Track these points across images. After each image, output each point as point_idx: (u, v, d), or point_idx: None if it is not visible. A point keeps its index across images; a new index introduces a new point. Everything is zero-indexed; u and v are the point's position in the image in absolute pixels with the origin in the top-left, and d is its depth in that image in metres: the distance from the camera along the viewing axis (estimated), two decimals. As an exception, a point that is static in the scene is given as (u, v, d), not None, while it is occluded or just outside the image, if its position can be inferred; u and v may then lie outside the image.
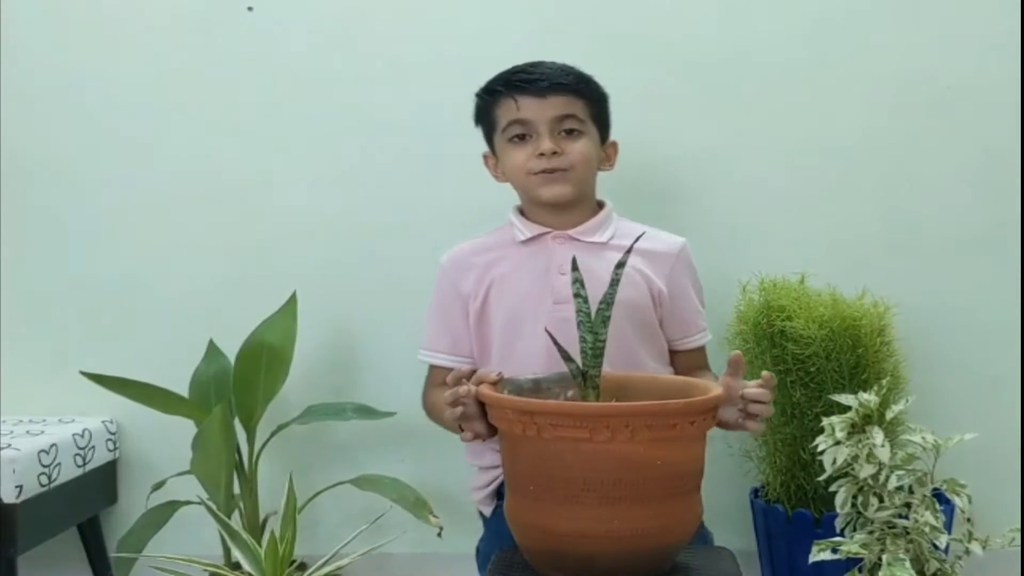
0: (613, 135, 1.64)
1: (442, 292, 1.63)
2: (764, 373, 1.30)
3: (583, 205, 1.59)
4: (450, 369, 1.54)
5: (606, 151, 1.62)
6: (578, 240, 1.55)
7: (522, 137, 1.54)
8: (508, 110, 1.54)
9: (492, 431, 1.28)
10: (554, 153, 1.51)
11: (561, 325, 1.29)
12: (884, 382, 1.48)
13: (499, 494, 1.60)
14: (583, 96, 1.55)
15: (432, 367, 1.65)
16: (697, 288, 1.65)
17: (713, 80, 1.95)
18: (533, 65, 1.55)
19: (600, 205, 1.62)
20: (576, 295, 1.22)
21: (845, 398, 1.44)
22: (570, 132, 1.54)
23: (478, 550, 1.64)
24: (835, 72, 1.95)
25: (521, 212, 1.62)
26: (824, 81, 1.95)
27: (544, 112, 1.52)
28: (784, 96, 1.96)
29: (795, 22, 1.95)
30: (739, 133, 1.97)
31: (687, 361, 1.63)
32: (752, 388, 1.29)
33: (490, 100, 1.58)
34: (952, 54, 1.94)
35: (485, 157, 1.65)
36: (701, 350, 1.66)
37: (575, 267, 1.23)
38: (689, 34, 1.96)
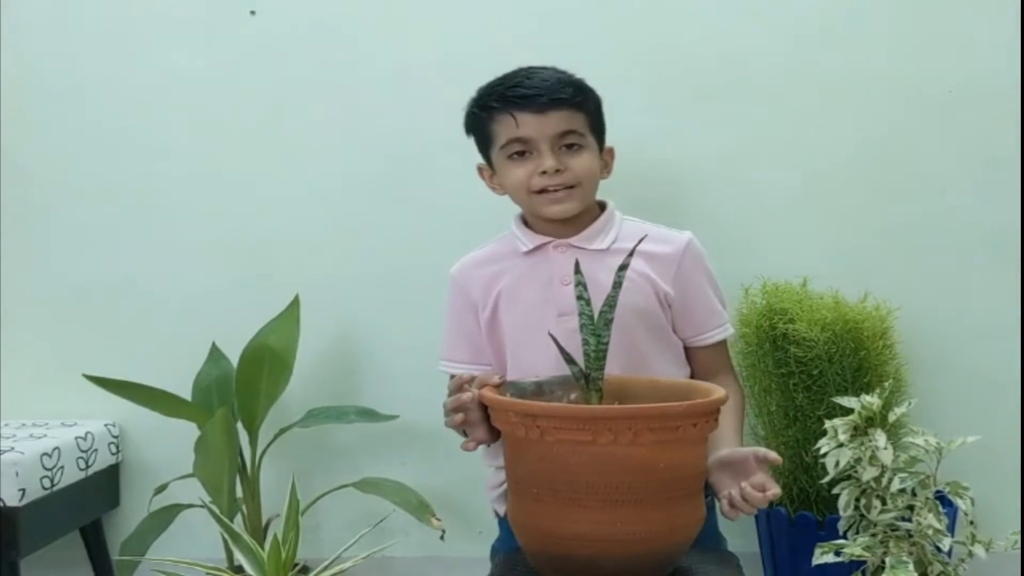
0: (615, 140, 1.62)
1: (455, 303, 1.61)
2: (770, 493, 1.25)
3: (585, 213, 1.56)
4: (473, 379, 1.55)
5: (603, 159, 1.59)
6: (579, 247, 1.52)
7: (522, 154, 1.51)
8: (506, 127, 1.50)
9: (494, 435, 1.28)
10: (557, 171, 1.49)
11: (569, 336, 1.27)
12: (886, 385, 1.49)
13: None
14: (582, 109, 1.51)
15: (453, 378, 1.63)
16: (711, 282, 1.59)
17: (715, 84, 1.95)
18: (528, 76, 1.51)
19: (602, 207, 1.59)
20: (579, 298, 1.22)
21: (847, 401, 1.44)
22: (571, 147, 1.51)
23: (494, 550, 1.64)
24: (837, 75, 1.95)
25: (524, 221, 1.60)
26: (826, 84, 1.95)
27: (544, 129, 1.48)
28: (786, 99, 1.96)
29: (798, 25, 1.95)
30: (741, 137, 1.97)
31: (705, 359, 1.58)
32: (752, 487, 1.26)
33: (485, 115, 1.53)
34: (954, 57, 1.93)
35: (480, 169, 1.61)
36: (719, 347, 1.60)
37: (578, 270, 1.23)
38: (690, 38, 1.96)
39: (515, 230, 1.59)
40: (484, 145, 1.57)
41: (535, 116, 1.48)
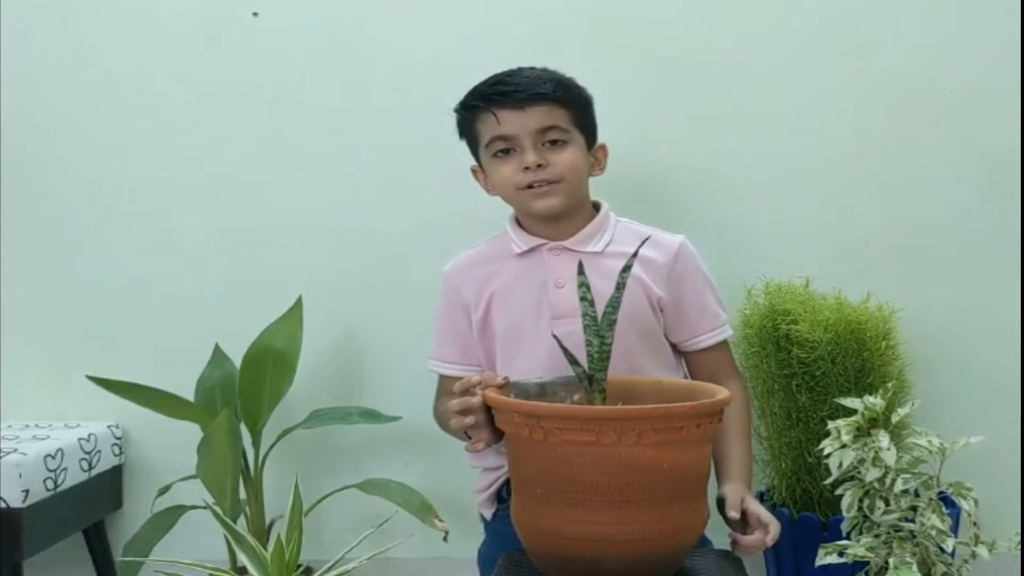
0: (615, 140, 1.62)
1: (447, 302, 1.61)
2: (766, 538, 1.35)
3: (577, 213, 1.55)
4: (460, 379, 1.55)
5: (595, 155, 1.58)
6: (573, 251, 1.52)
7: (506, 151, 1.51)
8: (489, 125, 1.50)
9: (498, 436, 1.28)
10: (539, 166, 1.48)
11: (563, 339, 1.27)
12: (889, 385, 1.49)
13: (499, 497, 1.59)
14: (564, 104, 1.50)
15: (442, 377, 1.63)
16: (706, 283, 1.57)
17: (716, 84, 1.95)
18: (510, 75, 1.52)
19: (596, 208, 1.59)
20: (582, 299, 1.22)
21: (850, 402, 1.44)
22: (554, 143, 1.50)
23: (480, 554, 1.63)
24: (838, 76, 1.95)
25: (517, 222, 1.59)
26: (827, 85, 1.95)
27: (525, 124, 1.48)
28: (787, 100, 1.96)
29: (798, 25, 1.95)
30: (743, 137, 1.97)
31: (705, 364, 1.56)
32: (746, 533, 1.35)
33: (470, 115, 1.54)
34: (954, 57, 1.94)
35: (474, 171, 1.62)
36: (720, 351, 1.59)
37: (581, 271, 1.23)
38: (691, 38, 1.96)
39: (509, 231, 1.58)
40: (473, 146, 1.58)
41: (515, 112, 1.48)
